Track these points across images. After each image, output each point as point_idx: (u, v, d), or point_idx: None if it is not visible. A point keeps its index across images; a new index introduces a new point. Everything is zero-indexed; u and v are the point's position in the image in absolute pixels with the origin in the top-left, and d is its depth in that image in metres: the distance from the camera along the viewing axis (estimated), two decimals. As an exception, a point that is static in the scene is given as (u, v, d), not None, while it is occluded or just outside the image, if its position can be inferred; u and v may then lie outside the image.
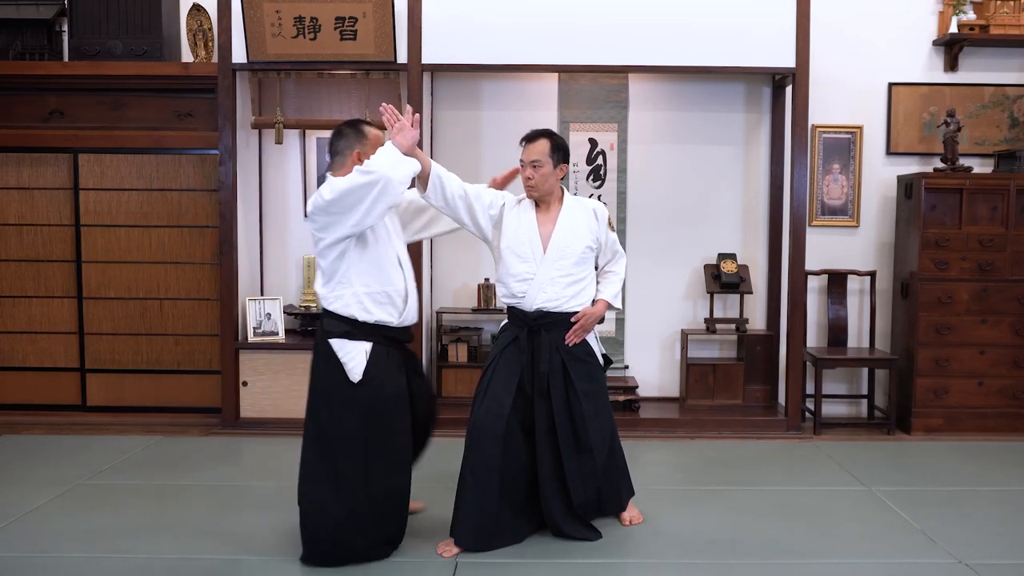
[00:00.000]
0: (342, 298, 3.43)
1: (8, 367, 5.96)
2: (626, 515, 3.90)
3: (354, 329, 3.42)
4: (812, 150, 5.91)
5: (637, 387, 5.83)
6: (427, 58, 5.40)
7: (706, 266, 5.98)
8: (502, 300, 3.82)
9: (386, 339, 3.49)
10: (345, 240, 3.35)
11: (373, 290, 3.45)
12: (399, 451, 3.48)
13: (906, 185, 5.76)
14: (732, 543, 3.68)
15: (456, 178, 3.60)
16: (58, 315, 5.95)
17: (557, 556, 3.56)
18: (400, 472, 3.51)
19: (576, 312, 3.72)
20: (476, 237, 3.77)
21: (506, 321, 3.83)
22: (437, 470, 4.29)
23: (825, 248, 6.02)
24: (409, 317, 3.57)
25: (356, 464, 3.39)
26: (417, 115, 3.44)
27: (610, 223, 3.84)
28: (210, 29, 5.70)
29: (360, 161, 3.38)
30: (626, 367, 6.03)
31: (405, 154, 3.36)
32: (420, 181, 3.53)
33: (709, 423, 5.62)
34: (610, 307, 3.84)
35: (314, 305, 5.79)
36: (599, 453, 3.68)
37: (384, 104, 3.46)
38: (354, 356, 3.41)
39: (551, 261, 3.69)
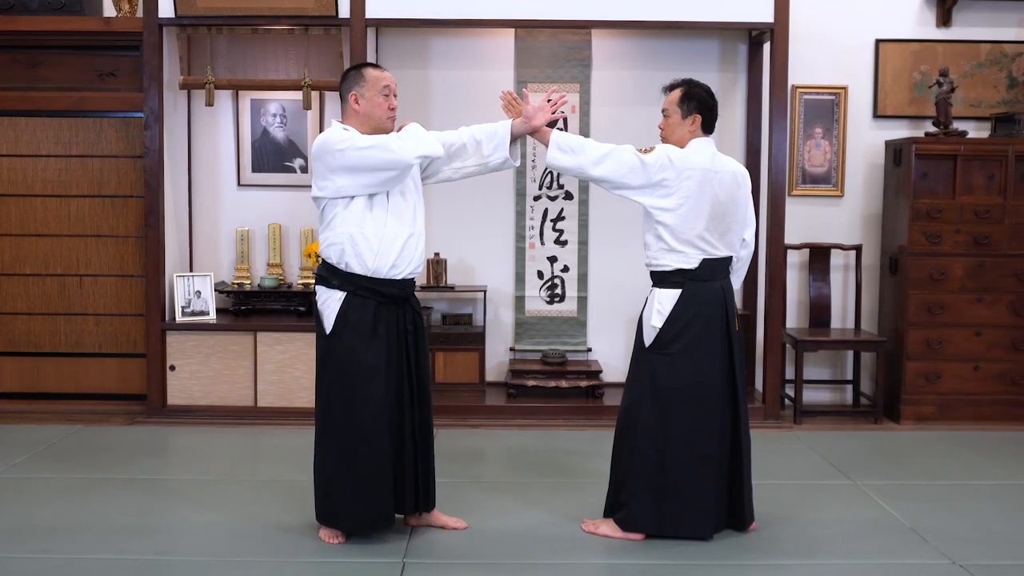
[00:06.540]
0: (326, 240, 3.47)
1: (-90, 349, 5.84)
2: None
3: (331, 276, 3.46)
4: (792, 113, 5.81)
5: (601, 372, 5.69)
6: (371, 12, 5.29)
7: (677, 241, 5.82)
8: None
9: (367, 291, 3.43)
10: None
11: (354, 233, 3.40)
12: (365, 415, 3.41)
13: (895, 151, 5.69)
14: (704, 543, 3.61)
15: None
16: (-33, 293, 5.85)
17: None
18: (366, 440, 3.42)
19: None
20: None
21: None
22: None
23: (806, 220, 5.93)
24: (381, 267, 3.43)
25: (322, 420, 3.49)
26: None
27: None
28: (134, -20, 5.59)
29: (358, 103, 3.42)
30: (589, 350, 5.92)
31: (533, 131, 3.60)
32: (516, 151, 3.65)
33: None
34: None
35: (247, 282, 5.71)
36: None
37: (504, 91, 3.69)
38: (328, 304, 3.46)
39: None
